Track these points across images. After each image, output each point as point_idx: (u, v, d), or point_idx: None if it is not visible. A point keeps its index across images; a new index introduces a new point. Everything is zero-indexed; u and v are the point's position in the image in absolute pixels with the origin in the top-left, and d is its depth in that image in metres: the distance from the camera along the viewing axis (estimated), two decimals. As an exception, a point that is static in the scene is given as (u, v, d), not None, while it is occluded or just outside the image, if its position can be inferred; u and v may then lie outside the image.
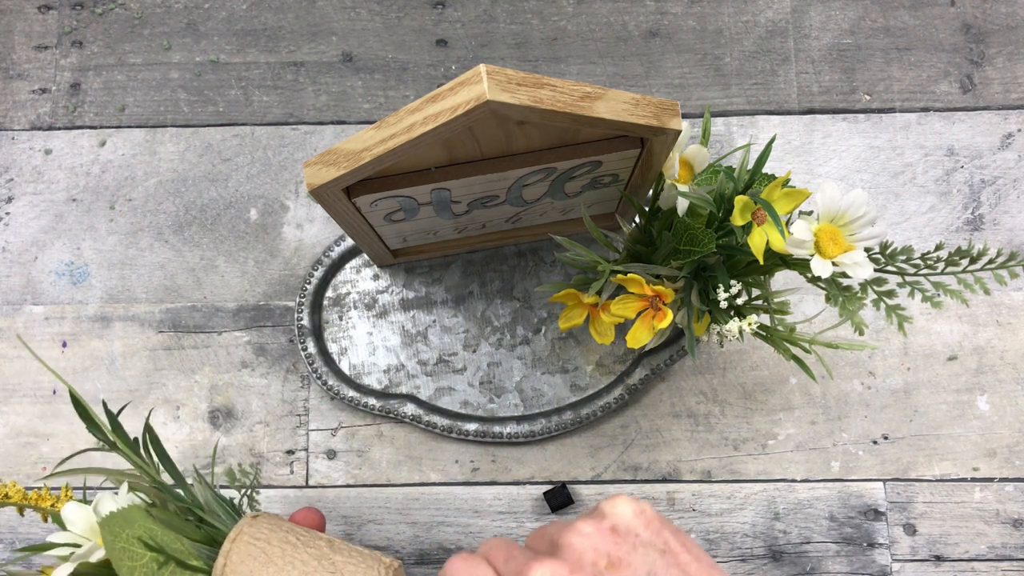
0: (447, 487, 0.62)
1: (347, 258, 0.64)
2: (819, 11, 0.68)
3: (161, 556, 0.41)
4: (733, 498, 0.62)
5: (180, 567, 0.41)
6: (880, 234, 0.45)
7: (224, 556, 0.42)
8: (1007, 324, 0.63)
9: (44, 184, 0.66)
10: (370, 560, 0.44)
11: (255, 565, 0.42)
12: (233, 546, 0.43)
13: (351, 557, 0.44)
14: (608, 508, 0.36)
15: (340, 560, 0.43)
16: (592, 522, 0.35)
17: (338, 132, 0.67)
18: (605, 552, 0.34)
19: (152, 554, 0.41)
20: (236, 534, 0.43)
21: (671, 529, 0.36)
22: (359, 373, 0.63)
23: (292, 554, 0.43)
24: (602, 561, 0.34)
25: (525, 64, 0.68)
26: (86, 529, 0.44)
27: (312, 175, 0.43)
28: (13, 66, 0.68)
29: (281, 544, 0.43)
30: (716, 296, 0.46)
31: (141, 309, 0.64)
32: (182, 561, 0.42)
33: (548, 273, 0.64)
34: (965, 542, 0.61)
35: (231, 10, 0.69)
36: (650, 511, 0.36)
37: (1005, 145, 0.66)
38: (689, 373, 0.63)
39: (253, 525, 0.44)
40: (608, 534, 0.35)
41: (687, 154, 0.49)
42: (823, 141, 0.66)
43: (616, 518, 0.35)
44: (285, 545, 0.43)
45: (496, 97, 0.37)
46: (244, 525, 0.44)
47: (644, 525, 0.35)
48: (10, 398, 0.63)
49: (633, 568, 0.34)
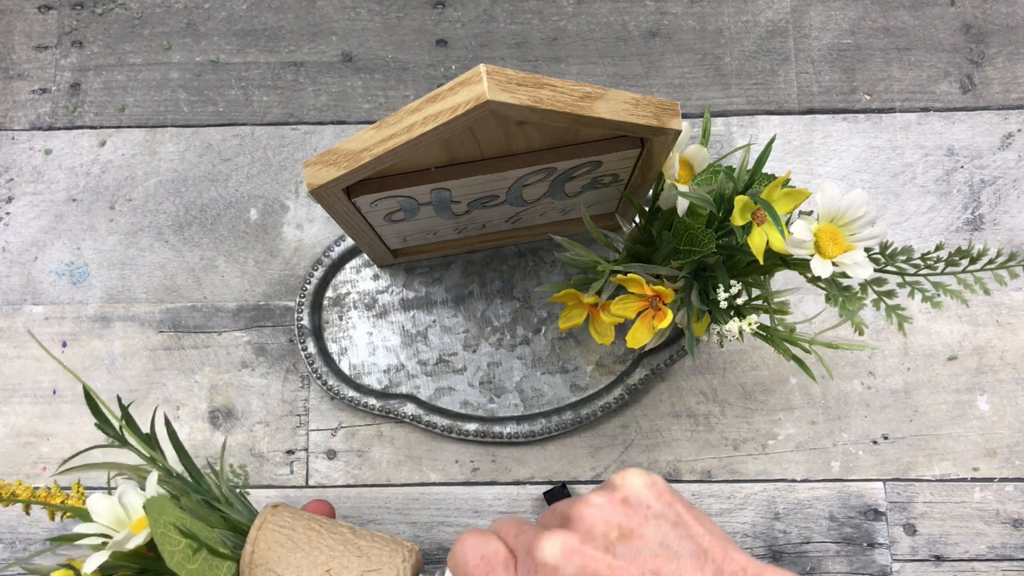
0: (447, 487, 0.62)
1: (347, 258, 0.64)
2: (819, 11, 0.68)
3: (195, 542, 0.42)
4: (733, 498, 0.62)
5: (211, 553, 0.42)
6: (880, 234, 0.45)
7: (251, 543, 0.43)
8: (1007, 324, 0.63)
9: (44, 184, 0.66)
10: (393, 544, 0.45)
11: (282, 551, 0.43)
12: (259, 533, 0.44)
13: (374, 542, 0.44)
14: (619, 480, 0.36)
15: (365, 544, 0.44)
16: (603, 494, 0.35)
17: (338, 132, 0.67)
18: (616, 523, 0.34)
19: (187, 540, 0.42)
20: (261, 522, 0.44)
21: (683, 502, 0.35)
22: (359, 373, 0.63)
23: (317, 540, 0.44)
24: (613, 532, 0.34)
25: (525, 64, 0.68)
26: (112, 520, 0.44)
27: (312, 175, 0.43)
28: (13, 66, 0.68)
29: (306, 531, 0.44)
30: (716, 296, 0.46)
31: (141, 309, 0.64)
32: (212, 548, 0.43)
33: (548, 273, 0.64)
34: (965, 542, 0.61)
35: (231, 10, 0.69)
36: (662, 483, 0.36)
37: (1005, 145, 0.66)
38: (689, 373, 0.63)
39: (275, 514, 0.45)
40: (619, 505, 0.35)
41: (687, 154, 0.49)
42: (823, 141, 0.66)
43: (627, 489, 0.35)
44: (310, 532, 0.44)
45: (496, 97, 0.37)
46: (267, 514, 0.45)
47: (656, 497, 0.35)
48: (10, 398, 0.63)
49: (645, 539, 0.33)
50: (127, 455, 0.57)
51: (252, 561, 0.43)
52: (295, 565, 0.42)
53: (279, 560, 0.42)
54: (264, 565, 0.42)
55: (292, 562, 0.42)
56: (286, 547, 0.43)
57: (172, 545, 0.41)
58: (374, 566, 0.42)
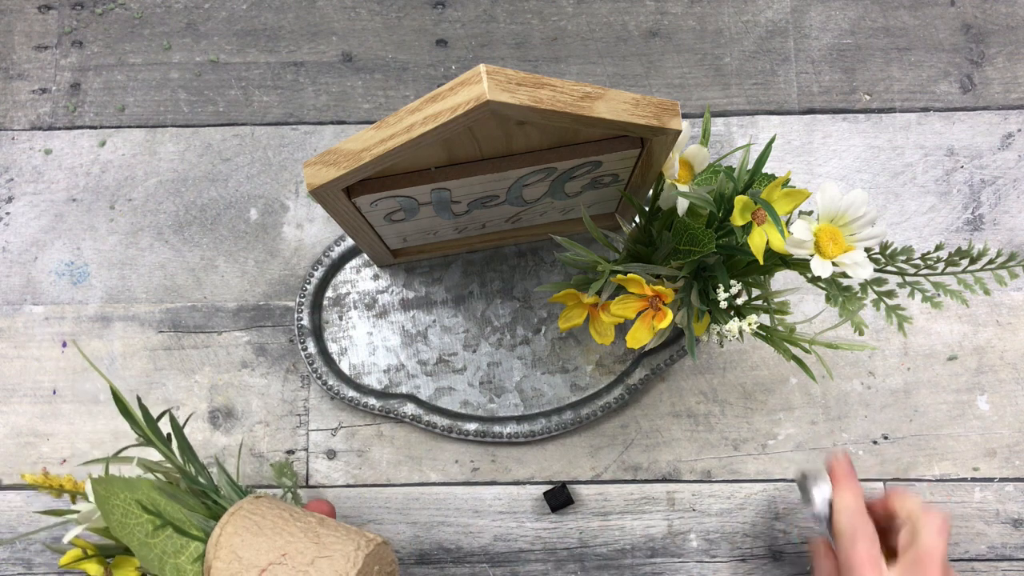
0: (447, 487, 0.62)
1: (347, 258, 0.64)
2: (819, 11, 0.68)
3: (158, 520, 0.46)
4: (733, 498, 0.62)
5: (177, 532, 0.46)
6: (880, 234, 0.45)
7: (220, 527, 0.46)
8: (1007, 324, 0.63)
9: (44, 184, 0.66)
10: (353, 535, 0.47)
11: (247, 536, 0.46)
12: (230, 518, 0.47)
13: (336, 532, 0.47)
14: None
15: (324, 532, 0.47)
16: None
17: (338, 132, 0.67)
18: None
19: (149, 516, 0.45)
20: (236, 509, 0.47)
21: None
22: (359, 373, 0.63)
23: (282, 527, 0.46)
24: None
25: (525, 64, 0.68)
26: None
27: (312, 175, 0.43)
28: (13, 66, 0.68)
29: (274, 519, 0.47)
30: (716, 296, 0.46)
31: (141, 309, 0.64)
32: (179, 528, 0.46)
33: (548, 273, 0.64)
34: (965, 542, 0.61)
35: (231, 10, 0.69)
36: None
37: (1005, 145, 0.66)
38: (689, 373, 0.63)
39: (253, 503, 0.48)
40: None
41: (687, 154, 0.49)
42: (823, 141, 0.66)
43: None
44: (277, 520, 0.47)
45: (496, 97, 0.37)
46: (245, 502, 0.48)
47: None
48: (10, 398, 0.63)
49: None
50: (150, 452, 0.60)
51: (218, 543, 0.46)
52: (255, 548, 0.45)
53: (242, 543, 0.45)
54: (228, 547, 0.45)
55: (253, 545, 0.45)
56: (251, 531, 0.46)
57: (127, 518, 0.44)
58: (326, 552, 0.45)
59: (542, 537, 0.61)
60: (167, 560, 0.45)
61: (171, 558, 0.45)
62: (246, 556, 0.45)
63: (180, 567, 0.45)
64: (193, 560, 0.46)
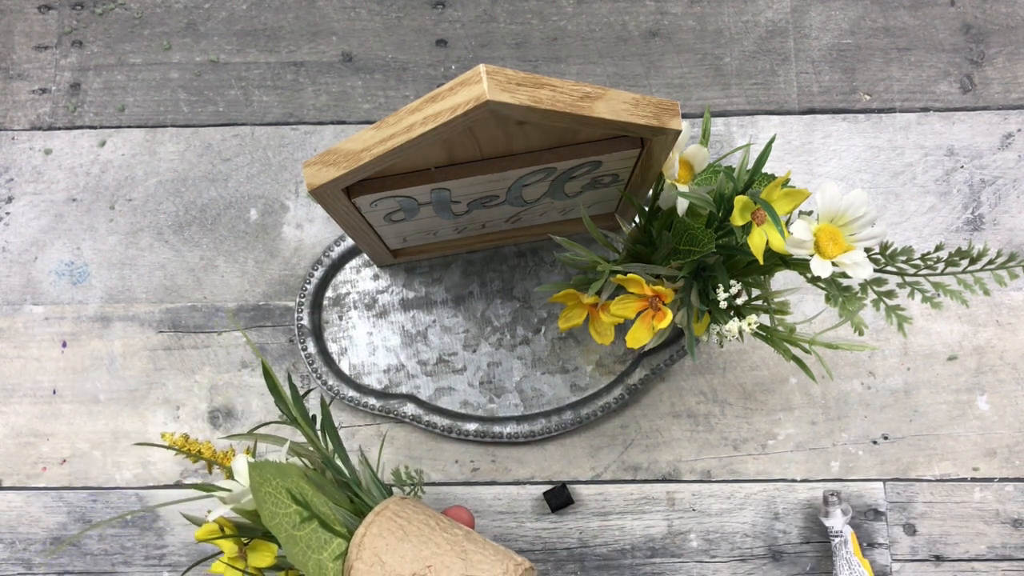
0: (447, 487, 0.62)
1: (347, 258, 0.64)
2: (819, 11, 0.68)
3: (305, 512, 0.44)
4: (733, 498, 0.62)
5: (322, 527, 0.44)
6: (880, 234, 0.45)
7: (365, 526, 0.44)
8: (1007, 324, 0.63)
9: (44, 184, 0.66)
10: (502, 555, 0.45)
11: (392, 540, 0.44)
12: (376, 519, 0.45)
13: (484, 549, 0.45)
14: None
15: (472, 549, 0.44)
16: None
17: (338, 132, 0.67)
18: None
19: (297, 507, 0.43)
20: (381, 508, 0.46)
21: None
22: (359, 373, 0.63)
23: (428, 535, 0.44)
24: None
25: (525, 64, 0.68)
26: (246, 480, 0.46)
27: (312, 175, 0.43)
28: (13, 66, 0.68)
29: (420, 525, 0.45)
30: (716, 296, 0.46)
31: (141, 309, 0.64)
32: (325, 522, 0.44)
33: (548, 273, 0.64)
34: (965, 542, 0.61)
35: (231, 10, 0.69)
36: None
37: (1005, 145, 0.66)
38: (689, 373, 0.63)
39: (399, 504, 0.46)
40: None
41: (687, 154, 0.49)
42: (823, 141, 0.66)
43: None
44: (423, 527, 0.45)
45: (496, 97, 0.37)
46: (391, 502, 0.46)
47: None
48: (10, 398, 0.63)
49: None
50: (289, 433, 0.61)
51: (362, 543, 0.44)
52: (400, 554, 0.43)
53: (386, 547, 0.43)
54: (371, 548, 0.43)
55: (398, 551, 0.43)
56: (396, 536, 0.44)
57: (277, 507, 0.42)
58: (473, 571, 0.43)
59: (542, 537, 0.61)
60: (310, 555, 0.43)
61: (314, 553, 0.43)
62: (389, 562, 0.43)
63: (322, 564, 0.43)
64: (335, 558, 0.44)
